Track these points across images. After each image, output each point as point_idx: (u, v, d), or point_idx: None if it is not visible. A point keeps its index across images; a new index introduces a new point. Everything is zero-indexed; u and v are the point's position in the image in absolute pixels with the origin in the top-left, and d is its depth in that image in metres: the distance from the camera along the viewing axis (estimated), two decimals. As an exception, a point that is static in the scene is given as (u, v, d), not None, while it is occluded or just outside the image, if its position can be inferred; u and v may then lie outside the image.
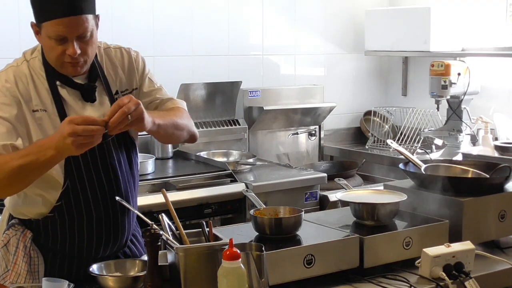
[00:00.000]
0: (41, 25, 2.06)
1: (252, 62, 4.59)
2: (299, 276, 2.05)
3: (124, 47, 2.33)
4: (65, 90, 2.16)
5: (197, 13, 4.31)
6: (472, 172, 2.64)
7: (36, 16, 2.08)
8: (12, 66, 2.17)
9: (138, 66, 2.32)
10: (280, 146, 4.62)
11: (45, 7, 2.03)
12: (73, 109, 2.16)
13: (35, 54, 2.18)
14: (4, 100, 2.09)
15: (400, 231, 2.27)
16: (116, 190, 2.22)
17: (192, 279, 1.92)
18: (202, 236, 2.07)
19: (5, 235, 2.21)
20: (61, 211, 2.18)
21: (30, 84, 2.13)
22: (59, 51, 2.06)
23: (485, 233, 2.44)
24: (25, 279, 2.16)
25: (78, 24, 2.03)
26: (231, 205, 3.53)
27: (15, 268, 2.17)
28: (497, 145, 3.96)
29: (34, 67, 2.16)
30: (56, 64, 2.11)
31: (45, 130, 2.12)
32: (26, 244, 2.18)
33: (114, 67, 2.27)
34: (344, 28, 4.99)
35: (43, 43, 2.10)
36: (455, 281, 2.11)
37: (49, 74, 2.14)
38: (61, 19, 2.01)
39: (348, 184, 2.69)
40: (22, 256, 2.17)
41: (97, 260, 2.18)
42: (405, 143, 4.47)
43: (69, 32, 2.03)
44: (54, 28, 2.02)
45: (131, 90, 2.29)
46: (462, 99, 4.39)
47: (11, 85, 2.11)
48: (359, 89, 5.12)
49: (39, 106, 2.13)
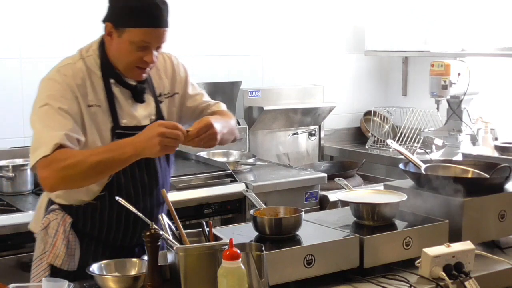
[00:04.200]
0: (125, 29, 2.17)
1: (252, 62, 4.59)
2: (299, 276, 2.05)
3: (166, 53, 2.44)
4: (118, 88, 2.28)
5: (197, 13, 4.31)
6: (472, 172, 2.64)
7: (119, 20, 2.18)
8: (69, 63, 2.26)
9: (179, 71, 2.46)
10: (280, 146, 4.62)
11: (137, 15, 2.15)
12: (123, 107, 2.28)
13: (90, 52, 2.28)
14: (64, 94, 2.18)
15: (400, 231, 2.27)
16: (155, 184, 2.35)
17: (192, 279, 1.92)
18: (202, 236, 2.07)
19: (45, 219, 2.32)
20: (103, 200, 2.28)
21: (87, 80, 2.23)
22: (136, 57, 2.20)
23: (485, 233, 2.44)
24: (62, 260, 2.28)
25: (162, 36, 2.20)
26: (231, 205, 3.53)
27: (54, 250, 2.29)
28: (497, 145, 3.95)
29: (89, 65, 2.25)
30: (126, 67, 2.24)
31: (98, 124, 2.23)
32: (66, 228, 2.29)
33: (158, 71, 2.39)
34: (344, 28, 4.99)
35: (120, 45, 2.20)
36: (455, 281, 2.11)
37: (104, 72, 2.25)
38: (150, 29, 2.17)
39: (348, 184, 2.69)
40: (62, 239, 2.28)
41: (127, 248, 2.34)
42: (405, 143, 4.47)
43: (153, 42, 2.19)
44: (141, 36, 2.16)
45: (173, 94, 2.43)
46: (462, 99, 4.39)
47: (70, 80, 2.20)
48: (359, 89, 5.13)
49: (93, 101, 2.23)
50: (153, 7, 2.17)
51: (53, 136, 2.10)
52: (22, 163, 3.47)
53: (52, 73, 2.23)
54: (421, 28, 4.53)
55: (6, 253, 2.95)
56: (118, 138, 2.19)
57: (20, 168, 3.43)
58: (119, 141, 2.13)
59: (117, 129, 2.25)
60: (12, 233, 2.95)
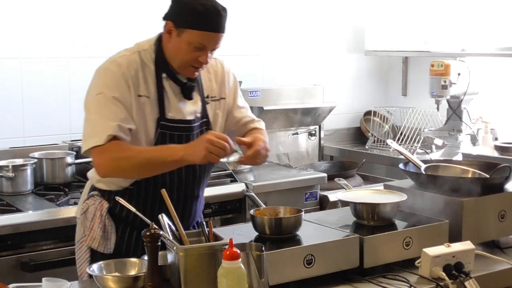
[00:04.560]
0: (185, 30, 2.28)
1: (252, 62, 4.59)
2: (299, 276, 2.05)
3: (219, 59, 2.58)
4: (168, 83, 2.38)
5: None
6: (472, 172, 2.64)
7: (181, 21, 2.28)
8: (124, 54, 2.36)
9: (229, 79, 2.59)
10: (280, 146, 4.62)
11: (199, 18, 2.26)
12: (171, 100, 2.38)
13: (146, 47, 2.39)
14: (118, 83, 2.29)
15: (400, 231, 2.27)
16: (193, 179, 2.44)
17: (192, 279, 1.92)
18: (202, 236, 2.07)
19: (85, 204, 2.47)
20: (139, 186, 2.39)
21: (140, 71, 2.34)
22: (192, 56, 2.31)
23: (485, 233, 2.45)
24: (98, 243, 2.41)
25: (219, 40, 2.33)
26: (231, 205, 3.53)
27: (91, 233, 2.42)
28: (497, 145, 3.95)
29: (144, 58, 2.36)
30: (181, 65, 2.34)
31: (144, 115, 2.33)
32: (102, 213, 2.41)
33: (209, 74, 2.51)
34: (344, 28, 4.99)
35: (178, 44, 2.30)
36: (455, 281, 2.11)
37: (157, 67, 2.37)
38: (209, 33, 2.28)
39: (348, 184, 2.69)
40: (98, 223, 2.41)
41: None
42: (405, 143, 4.47)
43: (210, 45, 2.31)
44: (200, 38, 2.28)
45: (219, 98, 2.53)
46: (462, 99, 4.39)
47: (124, 70, 2.31)
48: (359, 89, 5.12)
49: (144, 92, 2.33)
50: (215, 12, 2.29)
51: (107, 127, 2.24)
52: (22, 163, 3.47)
53: (108, 63, 2.34)
54: (421, 28, 4.53)
55: (6, 253, 2.95)
56: (162, 130, 2.34)
57: (20, 168, 3.43)
58: (171, 145, 2.29)
59: (162, 121, 2.35)
60: (12, 233, 2.95)
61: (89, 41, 3.92)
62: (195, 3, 2.26)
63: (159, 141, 2.34)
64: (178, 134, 2.37)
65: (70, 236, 3.07)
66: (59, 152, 3.68)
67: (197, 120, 2.43)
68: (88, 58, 3.89)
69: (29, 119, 3.76)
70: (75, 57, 3.87)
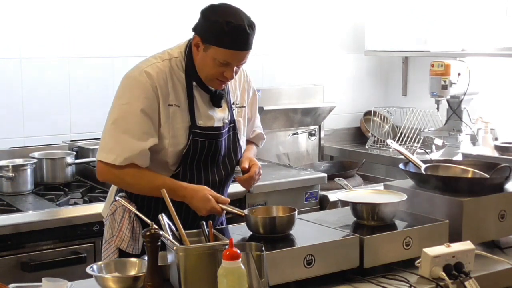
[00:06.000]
0: (211, 46, 2.29)
1: (252, 62, 4.56)
2: (299, 276, 2.05)
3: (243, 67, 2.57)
4: (198, 91, 2.42)
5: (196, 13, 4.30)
6: (472, 172, 2.64)
7: (208, 37, 2.30)
8: (154, 63, 2.38)
9: (250, 89, 2.68)
10: (280, 146, 4.62)
11: (224, 37, 2.27)
12: (200, 108, 2.42)
13: (177, 54, 2.42)
14: (147, 94, 2.32)
15: (400, 231, 2.27)
16: (218, 181, 2.57)
17: (192, 279, 1.92)
18: (202, 236, 2.07)
19: (112, 205, 2.48)
20: None
21: (169, 81, 2.37)
22: (217, 71, 2.33)
23: (485, 233, 2.45)
24: (127, 244, 2.43)
25: (244, 57, 2.36)
26: (231, 205, 3.51)
27: (120, 234, 2.44)
28: (497, 145, 3.95)
29: (174, 66, 2.39)
30: (207, 78, 2.37)
31: (174, 123, 2.37)
32: (131, 215, 2.43)
33: (234, 81, 2.55)
34: (344, 28, 4.99)
35: (204, 58, 2.33)
36: (455, 281, 2.11)
37: (188, 75, 2.39)
38: (234, 52, 2.30)
39: (348, 184, 2.69)
40: (127, 224, 2.44)
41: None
42: (405, 143, 4.47)
43: (235, 62, 2.33)
44: (225, 56, 2.29)
45: (241, 105, 2.60)
46: (462, 99, 4.39)
47: (153, 81, 2.33)
48: (359, 89, 5.12)
49: (173, 101, 2.37)
50: (241, 31, 2.29)
51: (128, 148, 2.29)
52: (22, 163, 3.47)
53: (138, 73, 2.35)
54: (421, 28, 4.52)
55: (6, 253, 2.95)
56: (194, 137, 2.38)
57: (20, 168, 3.43)
58: (178, 186, 2.34)
59: (193, 128, 2.39)
60: (12, 233, 2.95)
61: (89, 41, 3.92)
62: (222, 21, 2.26)
63: (191, 148, 2.39)
64: (209, 141, 2.43)
65: (70, 236, 3.08)
66: (59, 152, 3.68)
67: (225, 126, 2.49)
68: (88, 58, 3.89)
69: (29, 119, 3.76)
70: (75, 57, 3.87)
